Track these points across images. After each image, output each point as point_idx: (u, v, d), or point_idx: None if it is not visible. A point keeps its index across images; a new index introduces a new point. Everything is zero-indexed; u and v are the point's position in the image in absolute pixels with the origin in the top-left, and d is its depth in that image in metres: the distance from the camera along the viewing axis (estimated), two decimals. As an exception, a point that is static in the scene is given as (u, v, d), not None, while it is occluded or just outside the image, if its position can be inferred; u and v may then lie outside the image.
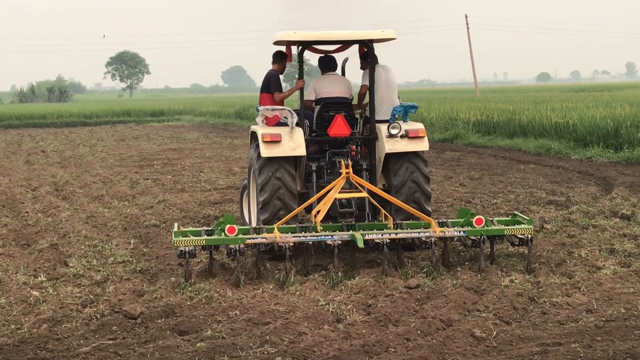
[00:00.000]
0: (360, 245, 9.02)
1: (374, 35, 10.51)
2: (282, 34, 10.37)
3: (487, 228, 9.45)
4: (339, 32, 10.62)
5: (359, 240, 9.00)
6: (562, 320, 7.38)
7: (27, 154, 28.19)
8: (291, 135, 10.13)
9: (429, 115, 32.50)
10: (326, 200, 9.57)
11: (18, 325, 7.62)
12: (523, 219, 9.69)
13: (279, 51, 11.27)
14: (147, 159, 24.88)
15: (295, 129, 10.21)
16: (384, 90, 10.86)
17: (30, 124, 50.01)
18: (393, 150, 10.21)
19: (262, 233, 9.29)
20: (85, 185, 18.28)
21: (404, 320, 7.56)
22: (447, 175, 18.42)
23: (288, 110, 10.37)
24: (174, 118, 55.71)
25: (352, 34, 10.66)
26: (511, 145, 24.84)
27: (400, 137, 10.22)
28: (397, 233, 9.38)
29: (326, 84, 11.02)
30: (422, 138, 10.29)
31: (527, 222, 9.58)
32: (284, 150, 10.02)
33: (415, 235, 9.44)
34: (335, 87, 10.99)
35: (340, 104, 10.77)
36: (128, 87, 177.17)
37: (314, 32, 10.42)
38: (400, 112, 10.58)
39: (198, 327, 7.48)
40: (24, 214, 14.15)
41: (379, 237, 9.20)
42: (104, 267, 9.96)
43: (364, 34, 10.59)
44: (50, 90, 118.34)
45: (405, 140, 10.21)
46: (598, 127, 22.41)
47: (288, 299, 8.26)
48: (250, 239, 9.07)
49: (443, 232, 9.36)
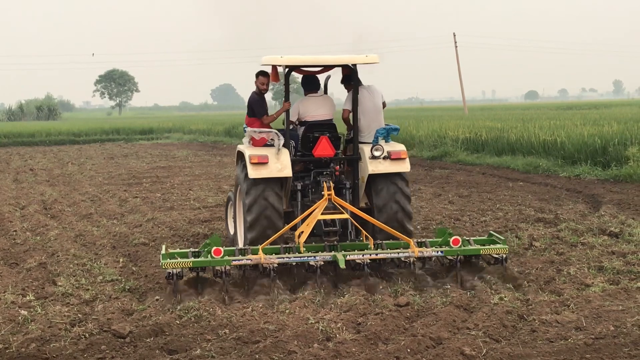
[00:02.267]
0: (342, 266, 9.28)
1: (357, 60, 10.76)
2: (269, 58, 10.71)
3: (464, 248, 9.70)
4: (324, 57, 11.02)
5: (341, 262, 9.26)
6: (551, 338, 7.40)
7: (15, 172, 28.09)
8: (277, 156, 10.43)
9: (418, 133, 32.57)
10: (309, 222, 9.83)
11: (6, 344, 7.57)
12: (498, 239, 9.95)
13: (262, 70, 11.38)
14: (136, 177, 24.84)
15: (281, 150, 10.50)
16: (370, 113, 11.16)
17: (18, 142, 49.84)
18: (376, 171, 10.54)
19: (247, 254, 9.51)
20: (74, 203, 18.23)
21: (394, 339, 7.56)
22: (436, 193, 18.46)
23: (275, 132, 10.66)
24: (163, 136, 55.64)
25: (337, 58, 10.98)
26: (500, 163, 24.92)
27: (382, 159, 10.56)
28: (377, 253, 9.63)
29: (311, 107, 11.29)
30: (404, 159, 10.65)
31: (502, 242, 9.85)
32: (271, 171, 10.31)
33: (395, 256, 9.64)
34: (319, 110, 11.30)
35: (325, 125, 11.08)
36: (117, 105, 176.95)
37: (299, 57, 10.75)
38: (383, 134, 10.96)
39: (187, 346, 7.46)
40: (12, 233, 14.09)
41: (360, 258, 9.48)
42: (93, 286, 9.92)
43: (347, 58, 10.87)
44: (39, 108, 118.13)
45: (388, 162, 10.58)
46: (586, 144, 22.51)
47: (278, 317, 8.25)
48: (236, 260, 9.31)
49: (421, 252, 9.60)
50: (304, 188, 10.85)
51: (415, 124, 37.05)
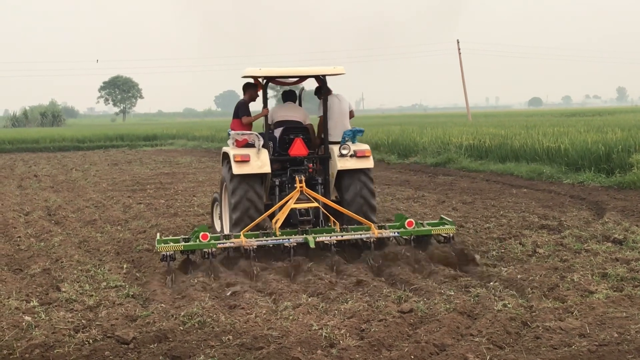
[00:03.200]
0: (312, 246, 10.79)
1: (325, 71, 12.26)
2: (250, 70, 12.10)
3: (417, 229, 11.23)
4: (296, 69, 12.45)
5: (311, 242, 10.80)
6: (555, 345, 7.38)
7: (19, 179, 28.14)
8: (258, 155, 11.83)
9: (422, 139, 32.59)
10: (284, 210, 11.33)
11: (10, 350, 7.58)
12: (447, 221, 11.52)
13: (248, 82, 12.81)
14: (140, 183, 24.87)
15: (261, 150, 11.88)
16: (338, 117, 12.64)
17: (23, 149, 49.99)
18: (344, 167, 11.99)
19: (230, 240, 10.86)
20: (78, 209, 18.26)
21: (398, 345, 7.55)
22: (439, 200, 18.46)
23: (256, 135, 12.01)
24: (167, 142, 55.70)
25: (307, 70, 12.46)
26: (503, 169, 24.91)
27: (349, 157, 12.00)
28: (342, 235, 11.12)
29: (284, 110, 12.84)
30: (368, 157, 12.12)
31: (450, 223, 11.45)
32: (252, 168, 11.71)
33: (358, 237, 11.13)
34: (291, 112, 12.80)
35: (299, 128, 12.59)
36: (121, 112, 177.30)
37: (276, 69, 12.20)
38: (350, 135, 12.35)
39: (191, 352, 7.46)
40: (16, 239, 14.12)
41: (327, 239, 10.97)
42: (97, 292, 9.93)
43: (317, 70, 12.37)
44: (43, 114, 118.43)
45: (354, 159, 12.02)
46: (590, 151, 22.51)
47: (281, 323, 8.25)
48: (221, 243, 10.74)
49: (380, 233, 11.12)
50: (281, 184, 12.28)
51: (418, 131, 37.09)
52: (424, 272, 10.48)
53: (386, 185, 22.29)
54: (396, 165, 30.01)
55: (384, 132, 37.77)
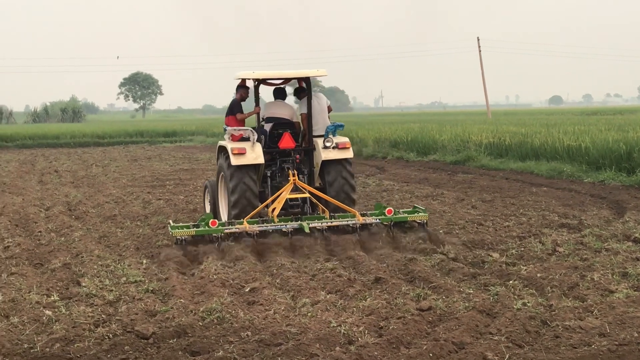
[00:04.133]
0: (307, 231, 12.18)
1: (310, 73, 13.90)
2: (242, 73, 13.81)
3: (395, 216, 12.76)
4: (283, 72, 14.07)
5: (306, 227, 12.22)
6: (575, 344, 7.35)
7: (40, 174, 28.33)
8: (252, 148, 13.18)
9: (441, 137, 32.45)
10: (280, 200, 12.85)
11: (31, 344, 7.64)
12: (420, 209, 13.05)
13: (240, 84, 14.24)
14: (160, 179, 24.98)
15: (255, 143, 13.23)
16: (319, 114, 14.13)
17: (43, 144, 50.28)
18: (327, 158, 13.49)
19: (235, 225, 12.30)
20: (98, 205, 18.36)
21: (416, 343, 7.55)
22: (459, 198, 18.40)
23: (250, 130, 13.38)
24: (186, 139, 55.82)
25: (293, 72, 13.98)
26: (523, 168, 24.78)
27: (332, 148, 13.49)
28: (332, 221, 12.58)
29: (274, 108, 14.33)
30: (348, 149, 13.62)
31: (423, 211, 12.97)
32: (248, 159, 13.08)
33: (345, 223, 12.54)
34: (280, 110, 14.26)
35: (287, 124, 14.12)
36: (141, 108, 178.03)
37: (265, 72, 13.88)
38: (332, 129, 13.75)
39: (210, 348, 7.49)
40: (37, 234, 14.21)
41: (319, 225, 12.45)
42: (117, 287, 9.98)
43: (302, 72, 13.92)
44: (64, 110, 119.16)
45: (336, 151, 13.52)
46: (610, 150, 22.34)
47: (300, 320, 8.26)
48: (228, 229, 12.11)
49: (364, 220, 12.58)
50: (272, 173, 13.87)
51: (438, 129, 36.97)
52: (443, 270, 10.48)
53: (405, 183, 22.26)
54: (415, 162, 29.93)
55: (403, 130, 37.68)
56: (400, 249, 11.95)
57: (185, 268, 11.13)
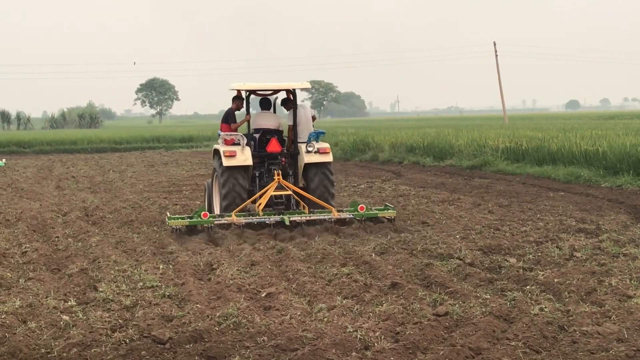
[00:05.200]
0: (287, 223, 14.01)
1: (295, 85, 15.70)
2: (235, 85, 15.50)
3: (367, 212, 14.60)
4: (272, 84, 15.86)
5: (286, 220, 14.06)
6: (592, 350, 7.31)
7: (57, 179, 28.47)
8: (242, 151, 14.86)
9: (457, 142, 32.38)
10: (265, 197, 14.59)
11: (48, 349, 7.67)
12: (390, 207, 15.14)
13: (236, 95, 15.74)
14: (176, 184, 25.05)
15: (245, 147, 14.93)
16: (305, 123, 15.83)
17: (61, 150, 50.56)
18: (309, 161, 15.11)
19: (224, 217, 14.19)
20: (115, 210, 18.43)
21: (433, 348, 7.52)
22: (475, 203, 18.35)
23: (240, 135, 15.09)
24: (203, 144, 55.99)
25: (281, 85, 15.79)
26: (540, 172, 24.69)
27: (314, 153, 15.06)
28: (310, 216, 14.38)
29: (262, 119, 15.98)
30: (328, 153, 15.22)
31: (392, 209, 15.04)
32: (238, 161, 14.75)
33: (322, 217, 14.35)
34: (267, 121, 15.91)
35: (274, 131, 15.77)
36: (157, 114, 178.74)
37: (255, 84, 15.60)
38: (314, 136, 15.42)
39: (226, 353, 7.50)
40: (54, 239, 14.28)
41: (299, 219, 14.24)
42: (133, 292, 10.01)
43: (288, 85, 15.70)
44: (81, 116, 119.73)
45: (317, 155, 15.10)
46: (628, 155, 22.23)
47: (316, 325, 8.25)
48: (217, 220, 14.07)
49: (339, 215, 14.42)
50: (260, 174, 15.52)
51: (454, 133, 36.88)
52: (460, 275, 10.45)
53: (421, 188, 22.22)
54: (431, 167, 29.90)
55: (420, 135, 37.62)
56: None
57: (201, 274, 11.15)
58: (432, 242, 12.84)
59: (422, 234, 13.76)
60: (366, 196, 20.47)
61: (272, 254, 12.30)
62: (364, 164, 33.71)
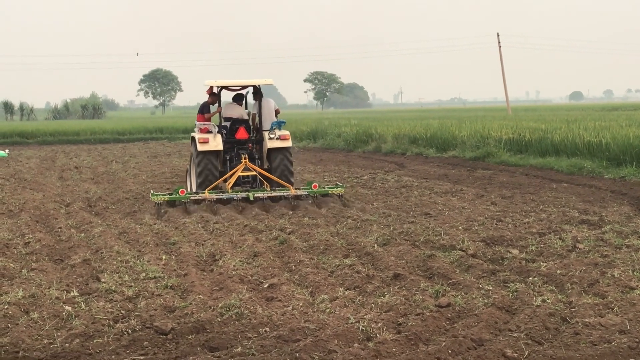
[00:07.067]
0: (251, 199, 16.51)
1: (261, 81, 18.06)
2: (209, 82, 17.93)
3: (319, 189, 16.96)
4: (239, 80, 18.32)
5: (251, 196, 16.56)
6: (595, 341, 7.30)
7: (60, 170, 28.47)
8: (214, 138, 17.39)
9: (460, 133, 32.32)
10: (234, 177, 17.12)
11: (50, 339, 7.68)
12: (341, 186, 17.50)
13: (211, 91, 18.22)
14: (179, 175, 25.03)
15: (216, 135, 17.44)
16: (268, 113, 18.35)
17: (64, 140, 50.53)
18: (272, 146, 17.63)
19: (199, 194, 16.61)
20: (118, 201, 18.44)
21: (435, 339, 7.53)
22: (478, 194, 18.33)
23: (213, 125, 17.69)
24: (206, 135, 55.78)
25: (247, 81, 18.30)
26: (543, 164, 24.65)
27: (275, 139, 17.54)
28: (271, 193, 16.83)
29: (228, 110, 18.57)
30: (288, 139, 17.66)
31: (342, 187, 17.38)
32: (210, 146, 17.31)
33: (281, 194, 16.79)
34: (233, 111, 18.49)
35: (242, 121, 18.27)
36: (161, 105, 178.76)
37: (226, 81, 18.05)
38: (276, 125, 17.75)
39: (228, 344, 7.50)
40: (57, 230, 14.29)
41: (261, 195, 16.69)
42: (136, 282, 10.01)
43: (255, 81, 18.17)
44: (84, 107, 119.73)
45: (279, 141, 17.58)
46: (631, 146, 22.19)
47: (318, 316, 8.26)
48: (193, 196, 16.50)
49: (296, 192, 16.82)
50: (230, 158, 18.01)
51: (457, 124, 36.82)
52: (462, 267, 10.45)
53: (424, 179, 22.20)
54: (434, 159, 29.86)
55: (423, 126, 37.57)
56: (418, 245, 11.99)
57: (204, 265, 11.16)
58: (434, 233, 12.84)
59: (424, 225, 13.75)
60: (369, 187, 20.46)
61: (275, 245, 12.31)
62: (366, 155, 33.67)
